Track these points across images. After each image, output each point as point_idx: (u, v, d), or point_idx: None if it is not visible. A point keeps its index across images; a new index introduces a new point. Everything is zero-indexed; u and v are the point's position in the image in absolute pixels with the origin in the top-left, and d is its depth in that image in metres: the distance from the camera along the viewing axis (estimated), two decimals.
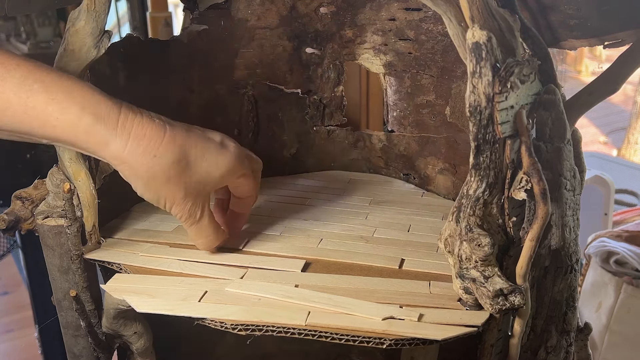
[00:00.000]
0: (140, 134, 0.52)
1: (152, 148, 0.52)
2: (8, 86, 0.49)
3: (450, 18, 0.48)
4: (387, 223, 0.70)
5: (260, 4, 0.79)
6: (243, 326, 0.47)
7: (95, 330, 0.63)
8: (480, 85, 0.45)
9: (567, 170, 0.52)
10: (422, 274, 0.58)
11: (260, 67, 0.82)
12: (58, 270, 0.62)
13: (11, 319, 2.17)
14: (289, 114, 0.85)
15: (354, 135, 0.88)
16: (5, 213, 0.60)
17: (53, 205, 0.61)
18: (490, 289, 0.47)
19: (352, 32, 0.82)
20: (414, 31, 0.77)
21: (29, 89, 0.49)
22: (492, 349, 0.52)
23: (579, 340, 0.61)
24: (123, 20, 2.59)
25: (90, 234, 0.61)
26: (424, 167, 0.81)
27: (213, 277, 0.56)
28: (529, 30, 0.51)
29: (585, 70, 3.24)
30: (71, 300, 0.61)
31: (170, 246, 0.63)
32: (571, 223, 0.53)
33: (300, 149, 0.87)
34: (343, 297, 0.52)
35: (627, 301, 1.20)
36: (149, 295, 0.52)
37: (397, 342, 0.46)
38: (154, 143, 0.52)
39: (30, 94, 0.49)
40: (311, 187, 0.82)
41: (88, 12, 0.57)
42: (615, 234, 1.27)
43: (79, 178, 0.59)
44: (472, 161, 0.47)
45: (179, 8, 2.78)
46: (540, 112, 0.50)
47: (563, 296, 0.55)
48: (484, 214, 0.48)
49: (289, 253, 0.61)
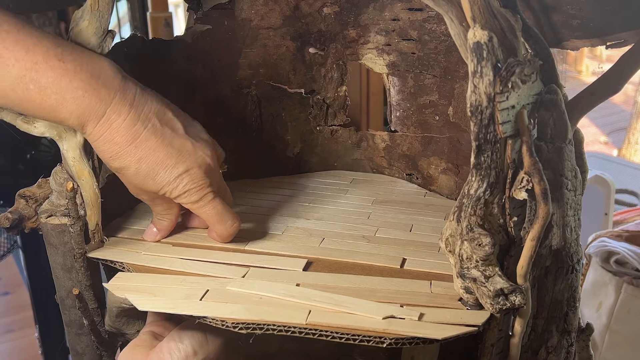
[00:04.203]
0: (108, 136, 0.56)
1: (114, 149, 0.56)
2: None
3: (451, 18, 0.48)
4: (390, 223, 0.70)
5: (263, 4, 0.79)
6: (244, 325, 0.48)
7: (98, 328, 0.64)
8: (481, 85, 0.45)
9: (568, 170, 0.52)
10: (424, 274, 0.58)
11: (263, 67, 0.82)
12: (61, 268, 0.62)
13: (12, 319, 2.17)
14: (292, 113, 0.86)
15: (357, 135, 0.88)
16: (9, 211, 0.61)
17: (57, 204, 0.61)
18: (491, 289, 0.47)
19: (355, 32, 0.82)
20: (417, 31, 0.77)
21: (26, 88, 0.52)
22: (492, 349, 0.52)
23: (580, 341, 0.61)
24: (123, 20, 2.59)
25: (94, 232, 0.61)
26: (426, 167, 0.81)
27: (215, 276, 0.56)
28: (530, 30, 0.51)
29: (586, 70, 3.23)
30: (74, 299, 0.61)
31: (173, 245, 0.63)
32: (572, 223, 0.53)
33: (303, 148, 0.87)
34: (344, 296, 0.52)
35: (627, 301, 1.19)
36: (151, 294, 0.52)
37: (397, 341, 0.46)
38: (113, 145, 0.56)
39: (28, 94, 0.52)
40: (314, 187, 0.82)
41: (92, 12, 0.57)
42: (615, 233, 1.27)
43: (83, 177, 0.59)
44: (473, 161, 0.47)
45: (179, 8, 2.78)
46: (542, 112, 0.50)
47: (564, 296, 0.56)
48: (485, 214, 0.48)
49: (291, 252, 0.62)
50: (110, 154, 0.56)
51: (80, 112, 0.54)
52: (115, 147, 0.56)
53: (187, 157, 0.58)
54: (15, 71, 0.51)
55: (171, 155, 0.58)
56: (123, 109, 0.55)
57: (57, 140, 0.59)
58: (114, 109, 0.55)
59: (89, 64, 0.54)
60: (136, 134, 0.56)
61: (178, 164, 0.58)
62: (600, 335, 1.24)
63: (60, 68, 0.52)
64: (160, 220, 0.64)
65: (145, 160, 0.57)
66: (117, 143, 0.56)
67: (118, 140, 0.56)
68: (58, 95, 0.53)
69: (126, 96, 0.56)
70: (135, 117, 0.56)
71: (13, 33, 0.51)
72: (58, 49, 0.53)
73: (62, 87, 0.53)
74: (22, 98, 0.52)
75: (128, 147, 0.56)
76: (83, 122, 0.55)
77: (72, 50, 0.54)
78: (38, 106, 0.53)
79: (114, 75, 0.55)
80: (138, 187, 0.59)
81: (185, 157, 0.58)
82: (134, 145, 0.56)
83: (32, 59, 0.51)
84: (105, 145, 0.56)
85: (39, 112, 0.54)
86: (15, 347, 2.04)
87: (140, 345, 0.54)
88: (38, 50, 0.52)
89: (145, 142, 0.56)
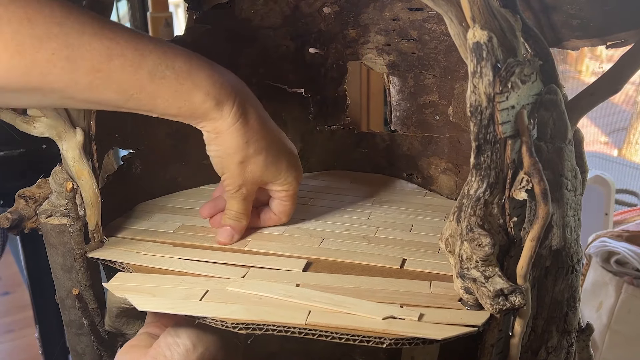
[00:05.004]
0: (245, 121, 0.58)
1: (249, 135, 0.59)
2: (143, 73, 0.52)
3: (451, 18, 0.48)
4: (390, 223, 0.70)
5: (263, 3, 0.79)
6: (244, 325, 0.47)
7: (98, 328, 0.64)
8: (481, 85, 0.45)
9: (568, 171, 0.52)
10: (424, 274, 0.58)
11: (263, 66, 0.82)
12: (61, 268, 0.62)
13: (12, 319, 2.17)
14: (292, 113, 0.86)
15: (357, 135, 0.88)
16: (9, 211, 0.61)
17: (56, 204, 0.61)
18: (491, 289, 0.47)
19: (355, 32, 0.82)
20: (417, 31, 0.77)
21: (161, 76, 0.53)
22: (492, 349, 0.52)
23: (580, 341, 0.61)
24: (124, 20, 2.59)
25: (93, 232, 0.61)
26: (426, 167, 0.81)
27: (215, 276, 0.56)
28: (530, 30, 0.51)
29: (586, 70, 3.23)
30: (74, 299, 0.61)
31: (173, 245, 0.63)
32: (572, 223, 0.53)
33: (303, 148, 0.87)
34: (344, 296, 0.52)
35: (627, 301, 1.19)
36: (150, 294, 0.52)
37: (397, 341, 0.46)
38: (252, 133, 0.59)
39: (163, 81, 0.53)
40: (314, 187, 0.82)
41: None
42: (615, 233, 1.27)
43: (82, 177, 0.59)
44: (473, 161, 0.47)
45: (179, 8, 2.78)
46: (542, 112, 0.50)
47: (564, 296, 0.55)
48: (485, 214, 0.48)
49: (291, 252, 0.62)
50: (247, 138, 0.59)
51: (215, 92, 0.56)
52: (252, 132, 0.59)
53: (288, 149, 0.65)
54: (152, 61, 0.52)
55: (283, 148, 0.64)
56: (248, 100, 0.59)
57: (56, 140, 0.59)
58: (243, 98, 0.58)
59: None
60: (265, 123, 0.61)
61: (285, 157, 0.64)
62: (600, 335, 1.24)
63: (184, 52, 0.55)
64: (237, 221, 0.64)
65: (270, 150, 0.61)
66: (253, 127, 0.59)
67: (253, 123, 0.59)
68: (192, 77, 0.55)
69: (247, 92, 0.60)
70: (259, 107, 0.61)
71: (132, 30, 0.53)
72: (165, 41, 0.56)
73: (194, 67, 0.55)
74: (159, 87, 0.53)
75: (259, 133, 0.60)
76: (220, 103, 0.56)
77: None
78: (175, 93, 0.54)
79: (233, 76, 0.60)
80: (255, 178, 0.62)
81: (286, 150, 0.65)
82: (261, 134, 0.60)
83: (161, 48, 0.53)
84: (242, 129, 0.58)
85: (174, 99, 0.55)
86: (15, 347, 2.04)
87: (137, 344, 0.54)
88: (159, 41, 0.55)
89: (269, 134, 0.61)
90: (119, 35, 0.51)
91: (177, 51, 0.55)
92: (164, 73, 0.53)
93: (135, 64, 0.51)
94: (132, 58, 0.51)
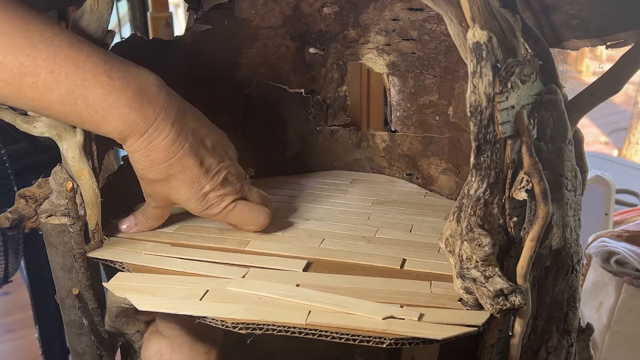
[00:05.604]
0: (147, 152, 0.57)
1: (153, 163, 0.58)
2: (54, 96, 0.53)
3: (451, 18, 0.48)
4: (390, 223, 0.70)
5: (263, 4, 0.79)
6: (244, 325, 0.48)
7: (98, 328, 0.64)
8: (480, 85, 0.45)
9: (568, 171, 0.52)
10: (424, 274, 0.58)
11: (263, 67, 0.82)
12: (61, 268, 0.62)
13: (12, 319, 2.17)
14: (292, 113, 0.86)
15: (357, 135, 0.88)
16: (9, 211, 0.61)
17: (56, 204, 0.61)
18: (491, 289, 0.47)
19: (355, 32, 0.82)
20: (417, 31, 0.77)
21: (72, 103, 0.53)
22: (492, 349, 0.52)
23: (580, 341, 0.61)
24: (124, 20, 2.59)
25: (94, 232, 0.61)
26: (427, 167, 0.81)
27: (215, 276, 0.56)
28: (530, 30, 0.51)
29: (586, 70, 3.24)
30: (74, 299, 0.61)
31: (173, 245, 0.63)
32: (572, 223, 0.53)
33: (303, 148, 0.87)
34: (344, 296, 0.52)
35: (627, 301, 1.20)
36: (150, 294, 0.52)
37: (397, 341, 0.46)
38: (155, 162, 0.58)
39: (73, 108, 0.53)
40: (314, 187, 0.82)
41: (91, 12, 0.57)
42: (615, 234, 1.27)
43: (82, 177, 0.59)
44: (473, 161, 0.47)
45: (179, 8, 2.78)
46: (542, 112, 0.50)
47: (564, 296, 0.56)
48: (485, 214, 0.48)
49: (291, 253, 0.62)
50: (144, 166, 0.58)
51: (123, 128, 0.55)
52: (151, 162, 0.58)
53: (213, 177, 0.60)
54: (65, 87, 0.52)
55: (200, 175, 0.59)
56: (165, 127, 0.56)
57: (56, 140, 0.59)
58: (156, 127, 0.56)
59: (135, 80, 0.55)
60: (173, 153, 0.58)
61: (204, 184, 0.60)
62: (600, 335, 1.24)
63: (108, 85, 0.54)
64: (146, 220, 0.65)
65: (175, 177, 0.59)
66: (153, 159, 0.57)
67: (155, 157, 0.57)
68: (104, 111, 0.54)
69: (169, 114, 0.57)
70: (175, 137, 0.57)
71: (64, 49, 0.52)
72: (107, 65, 0.54)
73: (108, 104, 0.54)
74: (68, 112, 0.54)
75: (163, 164, 0.58)
76: (125, 137, 0.56)
77: (121, 66, 0.55)
78: (84, 120, 0.55)
79: (159, 93, 0.57)
80: (160, 195, 0.61)
81: (210, 177, 0.60)
82: (168, 163, 0.58)
83: (82, 76, 0.52)
84: (142, 159, 0.57)
85: (83, 125, 0.56)
86: (15, 347, 2.04)
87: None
88: (88, 67, 0.53)
89: (179, 161, 0.58)
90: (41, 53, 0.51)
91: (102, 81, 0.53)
92: (75, 101, 0.53)
93: (47, 85, 0.52)
94: (44, 79, 0.51)
